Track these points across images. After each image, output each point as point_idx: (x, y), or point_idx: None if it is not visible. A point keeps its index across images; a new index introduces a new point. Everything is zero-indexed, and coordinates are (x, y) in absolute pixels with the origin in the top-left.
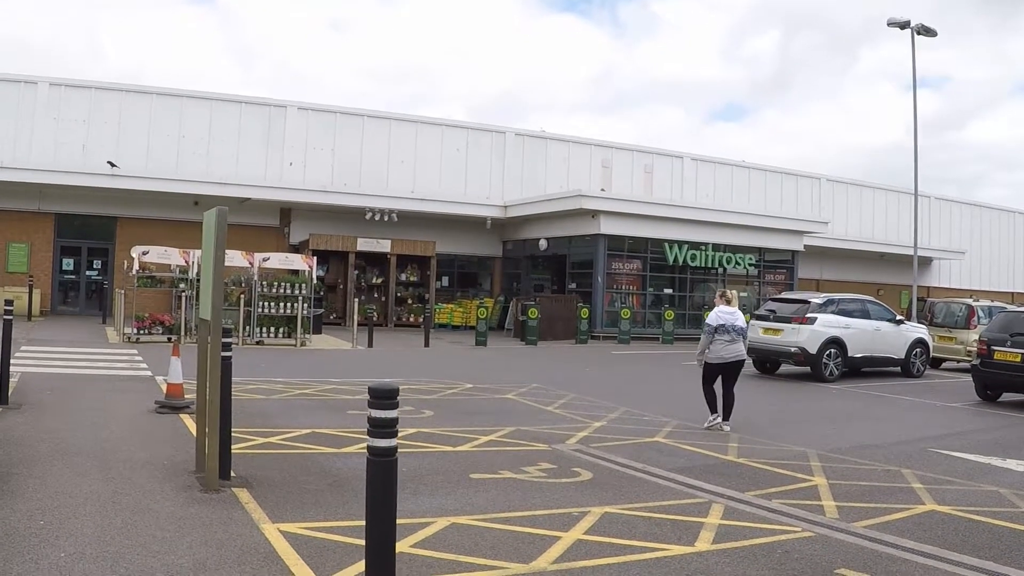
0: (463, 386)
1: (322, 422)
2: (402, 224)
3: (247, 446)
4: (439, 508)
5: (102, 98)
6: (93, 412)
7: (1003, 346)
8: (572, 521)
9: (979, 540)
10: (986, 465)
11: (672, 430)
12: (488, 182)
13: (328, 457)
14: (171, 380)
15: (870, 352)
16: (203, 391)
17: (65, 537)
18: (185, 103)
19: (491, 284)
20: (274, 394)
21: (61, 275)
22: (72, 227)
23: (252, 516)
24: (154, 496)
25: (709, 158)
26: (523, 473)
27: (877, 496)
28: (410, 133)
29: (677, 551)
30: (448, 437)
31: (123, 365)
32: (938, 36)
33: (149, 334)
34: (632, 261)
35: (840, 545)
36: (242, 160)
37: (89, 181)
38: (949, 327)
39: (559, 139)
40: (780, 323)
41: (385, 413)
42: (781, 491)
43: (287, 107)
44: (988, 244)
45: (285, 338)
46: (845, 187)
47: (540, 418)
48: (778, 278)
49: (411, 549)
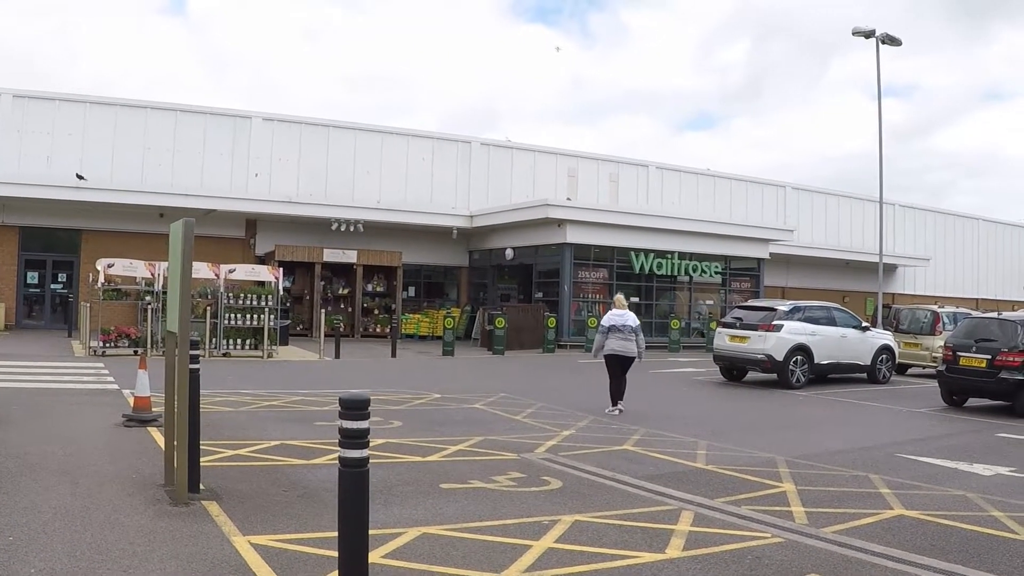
0: (431, 396)
1: (291, 434)
2: (368, 234)
3: (216, 459)
4: (410, 518)
5: (66, 110)
6: (60, 427)
7: (968, 352)
8: (543, 530)
9: (947, 544)
10: (953, 470)
11: (640, 438)
12: (454, 192)
13: (297, 469)
14: (138, 393)
15: (836, 359)
16: (171, 404)
17: (35, 553)
18: (150, 114)
19: (458, 294)
20: (242, 406)
21: (26, 289)
22: (36, 240)
23: (222, 529)
24: (123, 510)
25: (675, 167)
26: (493, 482)
27: (845, 501)
28: (376, 143)
29: (648, 558)
30: (417, 447)
31: (90, 379)
32: (905, 45)
33: (115, 347)
34: (598, 270)
35: (810, 551)
36: (207, 171)
37: (54, 194)
38: (915, 333)
39: (525, 148)
40: (747, 330)
41: (356, 424)
42: (750, 497)
43: (252, 118)
44: (953, 251)
45: (252, 350)
46: (810, 195)
47: (509, 427)
48: (744, 286)
49: (382, 560)
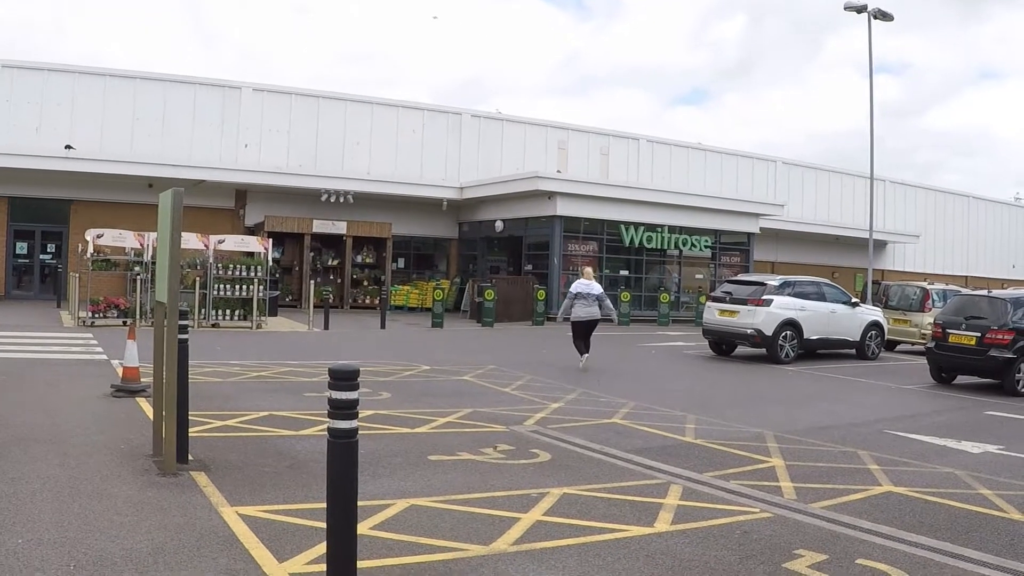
0: (420, 368)
1: (280, 405)
2: (358, 206)
3: (204, 429)
4: (398, 490)
5: (56, 80)
6: (48, 397)
7: (958, 329)
8: (531, 502)
9: (936, 521)
10: (941, 447)
11: (629, 411)
12: (444, 164)
13: (286, 440)
14: (127, 364)
15: (826, 334)
16: (159, 374)
17: (23, 523)
18: (139, 84)
19: (447, 266)
20: (231, 377)
21: (14, 259)
22: (25, 210)
23: (210, 499)
24: (111, 481)
25: (666, 140)
26: (481, 455)
27: (834, 477)
28: (366, 114)
29: (637, 532)
30: (406, 419)
31: (78, 349)
32: (899, 23)
33: (104, 318)
34: (588, 243)
35: (798, 526)
36: (197, 142)
37: (42, 164)
38: (904, 310)
39: (515, 121)
40: (736, 305)
41: (346, 394)
42: (739, 472)
43: (242, 88)
44: (943, 228)
45: (241, 320)
46: (801, 170)
47: (498, 399)
48: (734, 260)
49: (371, 531)
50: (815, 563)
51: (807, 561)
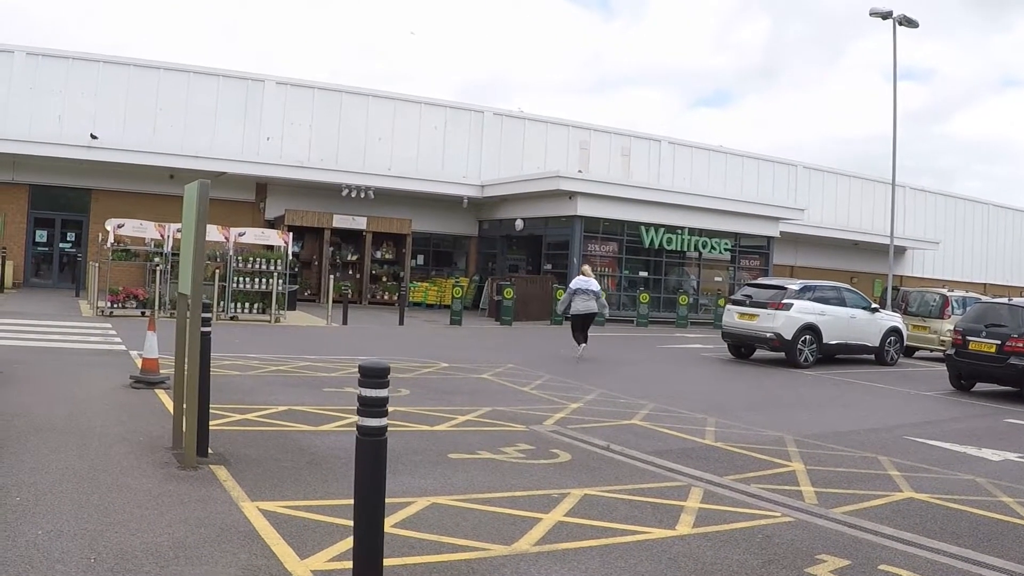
0: (439, 365)
1: (299, 399)
2: (378, 201)
3: (224, 423)
4: (419, 488)
5: (79, 69)
6: (68, 387)
7: (978, 336)
8: (552, 503)
9: (958, 528)
10: (961, 454)
11: (648, 413)
12: (465, 161)
13: (306, 435)
14: (146, 355)
15: (845, 339)
16: (180, 366)
17: (42, 514)
18: (162, 75)
19: (466, 263)
20: (250, 370)
21: (34, 247)
22: (46, 199)
23: (231, 494)
24: (131, 473)
25: (687, 142)
26: (501, 454)
27: (855, 482)
28: (388, 110)
29: (659, 534)
30: (425, 416)
31: (97, 339)
32: (923, 30)
33: (123, 308)
34: (608, 243)
35: (820, 531)
36: (219, 134)
37: (64, 152)
38: (923, 316)
39: (537, 119)
40: (756, 308)
41: (376, 392)
42: (759, 476)
43: (265, 81)
44: (962, 235)
45: (259, 314)
46: (821, 175)
47: (517, 399)
48: (753, 263)
49: (393, 529)
50: (837, 568)
51: (830, 566)
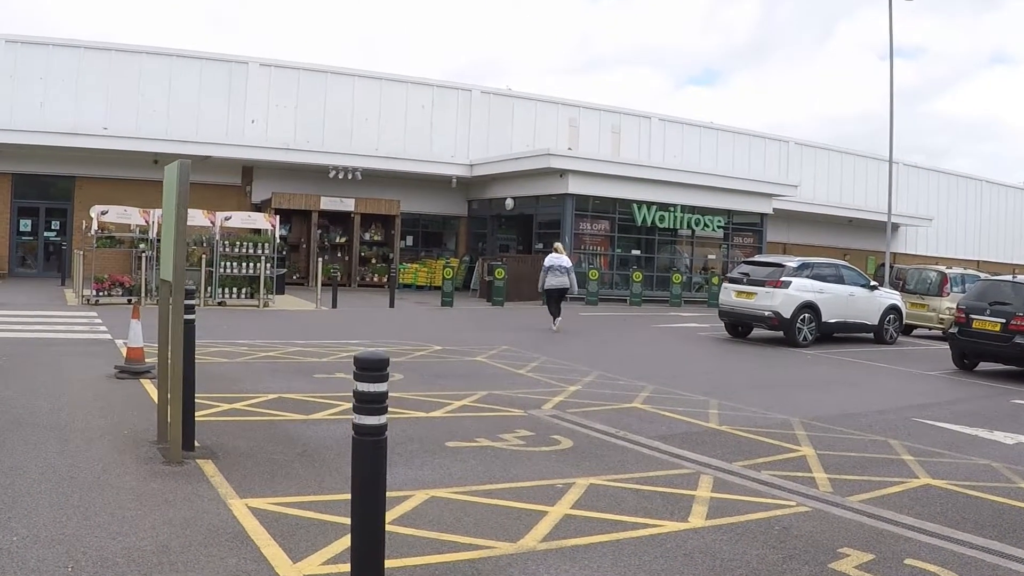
0: (432, 348)
1: (289, 387)
2: (366, 183)
3: (211, 413)
4: (416, 480)
5: (60, 55)
6: (50, 378)
7: (982, 315)
8: (557, 494)
9: (980, 517)
10: (973, 437)
11: (649, 395)
12: (454, 140)
13: (297, 425)
14: (131, 344)
15: (844, 318)
16: (164, 356)
17: (18, 519)
18: (144, 60)
19: (456, 244)
20: (238, 357)
21: (18, 237)
22: (29, 187)
23: (218, 491)
24: (114, 470)
25: (678, 119)
26: (500, 441)
27: (868, 468)
28: (375, 90)
29: (671, 527)
30: (420, 402)
31: (82, 328)
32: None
33: (109, 296)
34: (600, 222)
35: (839, 521)
36: (203, 118)
37: (47, 140)
38: (921, 294)
39: (526, 97)
40: (754, 286)
41: (374, 386)
42: (769, 461)
43: (248, 63)
44: (955, 212)
45: (248, 299)
46: (813, 151)
47: (513, 382)
48: (747, 241)
49: (391, 526)
50: (862, 563)
51: (854, 561)
